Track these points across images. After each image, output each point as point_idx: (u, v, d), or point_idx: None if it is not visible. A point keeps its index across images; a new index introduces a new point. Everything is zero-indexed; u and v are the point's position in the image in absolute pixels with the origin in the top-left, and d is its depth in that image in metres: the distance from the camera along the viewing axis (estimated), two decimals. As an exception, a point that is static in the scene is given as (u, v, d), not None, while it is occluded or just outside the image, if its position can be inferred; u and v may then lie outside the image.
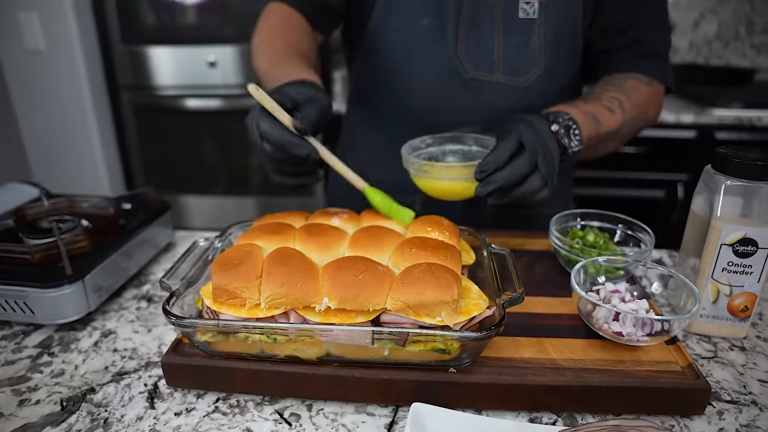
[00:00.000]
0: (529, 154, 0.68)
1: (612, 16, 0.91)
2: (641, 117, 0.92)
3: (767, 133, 1.90)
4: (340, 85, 2.31)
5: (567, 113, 0.79)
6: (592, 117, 0.83)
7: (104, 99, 2.22)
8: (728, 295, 0.67)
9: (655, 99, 0.94)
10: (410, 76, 0.94)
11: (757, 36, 2.43)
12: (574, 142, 0.77)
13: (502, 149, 0.68)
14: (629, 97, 0.89)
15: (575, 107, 0.83)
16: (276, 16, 0.96)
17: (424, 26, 0.91)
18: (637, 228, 0.78)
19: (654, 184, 2.04)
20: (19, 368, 0.65)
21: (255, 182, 2.35)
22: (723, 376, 0.63)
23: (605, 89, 0.90)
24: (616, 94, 0.89)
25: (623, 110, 0.88)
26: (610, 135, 0.87)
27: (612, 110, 0.86)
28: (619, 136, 0.90)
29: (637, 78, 0.93)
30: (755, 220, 0.64)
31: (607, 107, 0.86)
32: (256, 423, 0.56)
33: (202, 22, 2.11)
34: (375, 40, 0.96)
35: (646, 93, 0.92)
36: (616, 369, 0.57)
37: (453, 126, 0.88)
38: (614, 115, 0.86)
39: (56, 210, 0.89)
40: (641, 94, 0.91)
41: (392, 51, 0.94)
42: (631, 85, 0.91)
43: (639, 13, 0.91)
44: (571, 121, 0.78)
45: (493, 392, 0.56)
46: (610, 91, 0.89)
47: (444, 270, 0.55)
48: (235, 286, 0.54)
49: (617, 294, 0.65)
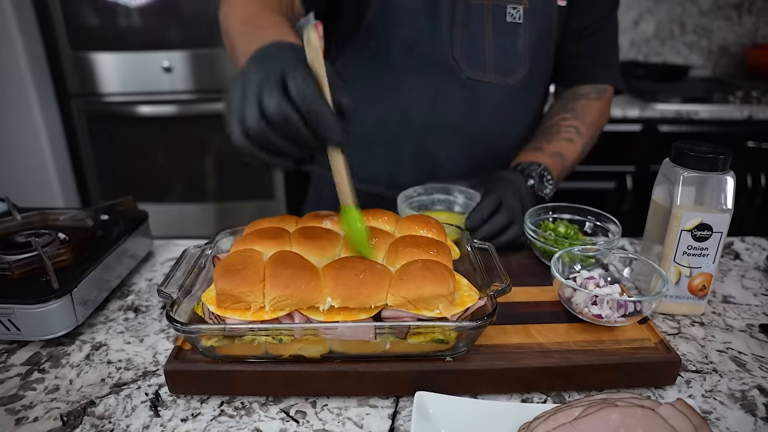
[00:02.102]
0: (507, 211, 0.82)
1: (581, 21, 1.01)
2: (596, 133, 1.06)
3: (704, 125, 2.05)
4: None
5: (538, 163, 0.93)
6: (558, 155, 0.97)
7: (53, 107, 2.13)
8: (688, 276, 0.74)
9: (605, 108, 1.08)
10: (407, 76, 0.98)
11: (688, 35, 2.61)
12: (548, 189, 0.92)
13: (486, 205, 0.81)
14: (583, 121, 1.02)
15: (542, 152, 0.96)
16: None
17: (418, 26, 0.95)
18: (605, 219, 0.84)
19: (605, 176, 2.16)
20: (9, 387, 0.63)
21: (211, 188, 2.32)
22: (687, 350, 0.70)
23: (561, 118, 1.02)
24: (572, 121, 1.01)
25: (581, 135, 1.01)
26: (574, 163, 1.01)
27: (571, 140, 1.00)
28: (580, 158, 1.04)
29: (587, 95, 1.05)
30: (707, 206, 0.71)
31: (567, 139, 1.00)
32: (264, 423, 0.58)
33: (156, 27, 2.06)
34: (374, 36, 0.97)
35: (597, 108, 1.05)
36: (598, 349, 0.63)
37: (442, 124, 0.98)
38: (574, 144, 1.00)
39: (29, 224, 0.86)
40: (593, 113, 1.04)
41: (394, 48, 0.96)
42: (582, 106, 1.04)
43: (601, 22, 1.02)
44: (543, 170, 0.92)
45: (488, 377, 0.60)
46: (566, 119, 1.02)
47: (439, 265, 0.58)
48: (240, 291, 0.55)
49: (592, 280, 0.70)
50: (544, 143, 0.99)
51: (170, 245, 1.00)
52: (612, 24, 1.05)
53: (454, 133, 1.01)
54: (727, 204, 0.71)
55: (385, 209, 0.74)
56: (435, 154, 1.02)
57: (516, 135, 1.04)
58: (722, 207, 0.71)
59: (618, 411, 0.52)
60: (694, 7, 2.55)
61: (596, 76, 1.06)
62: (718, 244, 0.72)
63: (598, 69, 1.05)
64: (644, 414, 0.52)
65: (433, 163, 1.03)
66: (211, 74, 2.15)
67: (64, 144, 2.19)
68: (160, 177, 2.29)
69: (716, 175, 0.70)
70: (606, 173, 2.16)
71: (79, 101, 2.12)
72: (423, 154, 1.03)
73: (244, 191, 2.32)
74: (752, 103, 2.08)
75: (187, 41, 2.07)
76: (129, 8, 2.01)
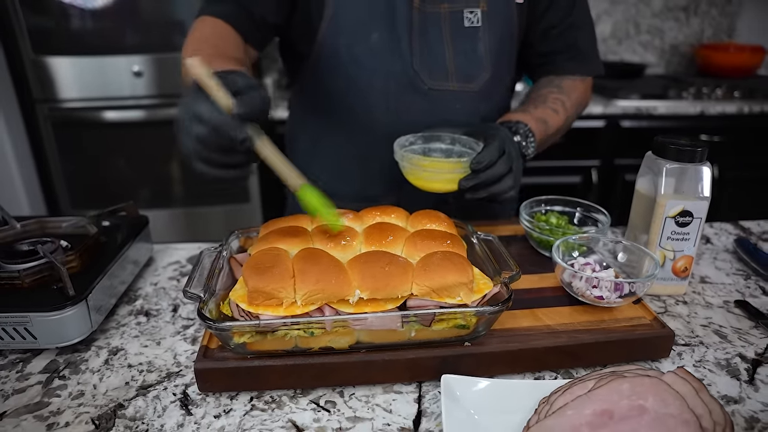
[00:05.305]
0: (507, 159, 0.81)
1: (549, 20, 1.02)
2: (578, 111, 1.08)
3: (662, 120, 2.17)
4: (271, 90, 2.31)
5: (524, 123, 0.92)
6: (542, 122, 0.97)
7: (16, 113, 2.05)
8: (672, 260, 0.80)
9: (588, 89, 1.11)
10: (368, 91, 0.97)
11: (643, 35, 2.76)
12: (530, 149, 0.92)
13: (492, 150, 0.79)
14: (569, 97, 1.03)
15: (529, 114, 0.96)
16: (207, 29, 0.91)
17: (375, 41, 0.94)
18: (593, 209, 0.90)
19: (571, 171, 2.26)
20: (32, 395, 0.63)
21: (179, 194, 2.29)
22: (675, 326, 0.76)
23: (549, 91, 1.03)
24: (558, 95, 1.02)
25: (566, 109, 1.02)
26: (556, 133, 1.02)
27: (557, 111, 1.00)
28: (562, 130, 1.05)
29: (572, 78, 1.06)
30: (687, 194, 0.78)
31: (553, 109, 1.00)
32: (296, 414, 0.60)
33: (125, 31, 2.02)
34: (325, 55, 0.97)
35: (582, 88, 1.07)
36: (600, 328, 0.68)
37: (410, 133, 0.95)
38: (558, 116, 1.00)
39: (28, 232, 0.85)
40: (578, 91, 1.06)
41: (346, 66, 0.96)
42: (569, 84, 1.05)
43: (571, 17, 1.02)
44: (528, 130, 0.91)
45: (504, 358, 0.64)
46: (553, 92, 1.03)
47: (458, 256, 0.62)
48: (272, 288, 0.58)
49: (589, 266, 0.76)
50: (531, 108, 0.98)
51: (169, 249, 1.00)
52: (581, 16, 1.04)
53: None
54: (705, 192, 0.77)
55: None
56: None
57: None
58: (700, 195, 0.77)
59: (627, 381, 0.58)
60: (647, 9, 2.69)
61: (576, 69, 1.06)
62: (698, 229, 0.79)
63: (577, 62, 1.05)
64: (651, 382, 0.57)
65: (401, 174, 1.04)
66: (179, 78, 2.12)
67: (29, 151, 2.11)
68: (130, 183, 2.24)
69: (695, 165, 0.77)
70: (572, 168, 2.26)
71: (44, 107, 2.05)
72: (391, 167, 0.97)
73: (218, 195, 2.30)
74: (703, 99, 2.22)
75: (156, 45, 2.04)
76: (95, 12, 1.96)
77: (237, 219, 2.33)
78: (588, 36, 1.07)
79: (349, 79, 0.97)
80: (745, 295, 0.84)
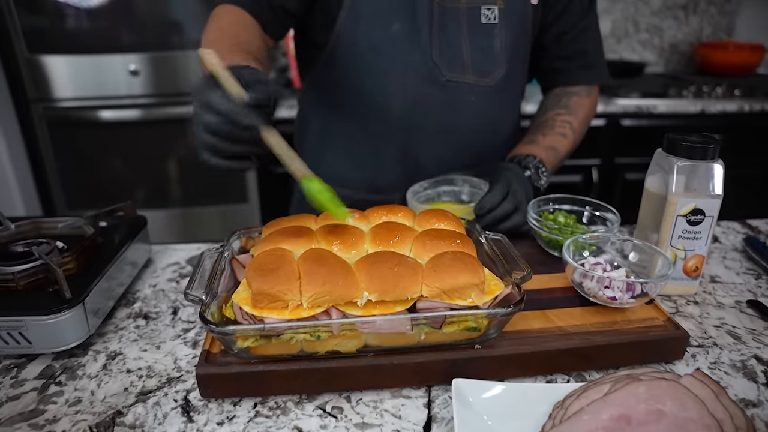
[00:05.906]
0: (512, 198, 0.86)
1: (562, 25, 1.05)
2: (585, 128, 1.12)
3: (663, 119, 2.16)
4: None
5: (534, 156, 0.97)
6: (552, 149, 1.01)
7: (11, 113, 2.02)
8: (683, 259, 0.79)
9: (594, 104, 1.14)
10: (386, 80, 0.98)
11: (642, 34, 2.75)
12: (542, 180, 0.96)
13: (495, 193, 0.85)
14: (576, 116, 1.07)
15: (538, 146, 1.00)
16: (226, 18, 0.90)
17: (395, 31, 0.95)
18: (602, 208, 0.89)
19: (572, 170, 2.24)
20: (27, 402, 0.61)
21: (176, 194, 2.27)
22: (687, 327, 0.74)
23: (556, 114, 1.07)
24: (566, 117, 1.06)
25: (573, 131, 1.06)
26: (565, 156, 1.06)
27: (565, 135, 1.05)
28: (572, 151, 1.09)
29: (578, 93, 1.09)
30: (699, 192, 0.76)
31: (561, 134, 1.04)
32: (302, 420, 0.58)
33: (121, 30, 1.99)
34: (343, 44, 0.98)
35: (588, 104, 1.10)
36: (613, 329, 0.66)
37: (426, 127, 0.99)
38: (567, 139, 1.05)
39: (22, 233, 0.83)
40: (584, 108, 1.09)
41: (364, 55, 0.97)
42: (575, 102, 1.08)
43: (583, 22, 1.05)
44: (539, 162, 0.96)
45: (516, 361, 0.62)
46: (560, 114, 1.06)
47: (468, 256, 0.60)
48: (277, 290, 0.55)
49: (600, 266, 0.74)
50: (540, 137, 1.02)
51: (168, 250, 0.98)
52: (592, 22, 1.08)
53: (435, 134, 1.02)
54: (716, 190, 0.76)
55: None
56: (416, 156, 1.04)
57: (495, 133, 1.08)
58: (712, 193, 0.76)
59: (644, 384, 0.56)
60: (646, 7, 2.68)
61: (585, 78, 1.09)
62: (710, 228, 0.77)
63: (586, 70, 1.09)
64: (669, 385, 0.55)
65: (414, 164, 1.05)
66: (176, 77, 2.10)
67: (24, 151, 2.08)
68: (127, 183, 2.22)
69: (706, 163, 0.75)
70: (572, 167, 2.24)
71: (39, 106, 2.02)
72: (404, 157, 1.04)
73: (216, 195, 2.28)
74: (704, 98, 2.20)
75: (153, 44, 2.01)
76: (91, 10, 1.93)
77: (235, 219, 2.31)
78: (597, 43, 1.10)
79: (366, 68, 0.98)
80: (757, 295, 0.83)
